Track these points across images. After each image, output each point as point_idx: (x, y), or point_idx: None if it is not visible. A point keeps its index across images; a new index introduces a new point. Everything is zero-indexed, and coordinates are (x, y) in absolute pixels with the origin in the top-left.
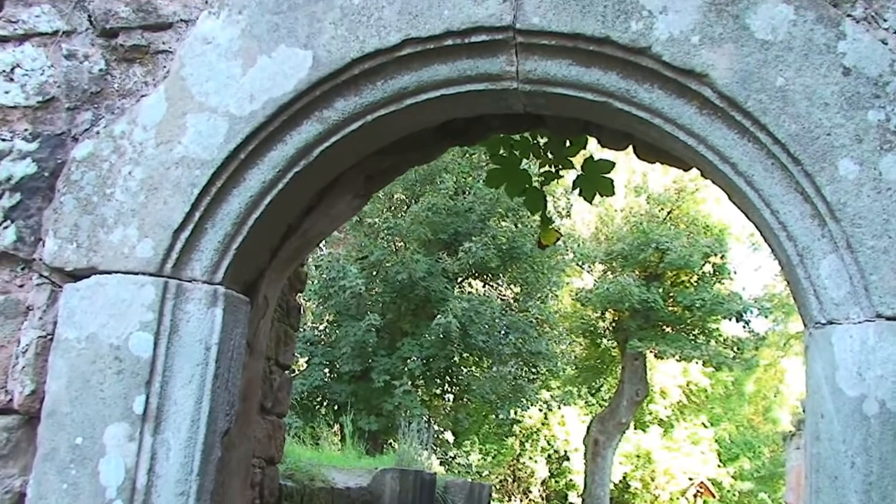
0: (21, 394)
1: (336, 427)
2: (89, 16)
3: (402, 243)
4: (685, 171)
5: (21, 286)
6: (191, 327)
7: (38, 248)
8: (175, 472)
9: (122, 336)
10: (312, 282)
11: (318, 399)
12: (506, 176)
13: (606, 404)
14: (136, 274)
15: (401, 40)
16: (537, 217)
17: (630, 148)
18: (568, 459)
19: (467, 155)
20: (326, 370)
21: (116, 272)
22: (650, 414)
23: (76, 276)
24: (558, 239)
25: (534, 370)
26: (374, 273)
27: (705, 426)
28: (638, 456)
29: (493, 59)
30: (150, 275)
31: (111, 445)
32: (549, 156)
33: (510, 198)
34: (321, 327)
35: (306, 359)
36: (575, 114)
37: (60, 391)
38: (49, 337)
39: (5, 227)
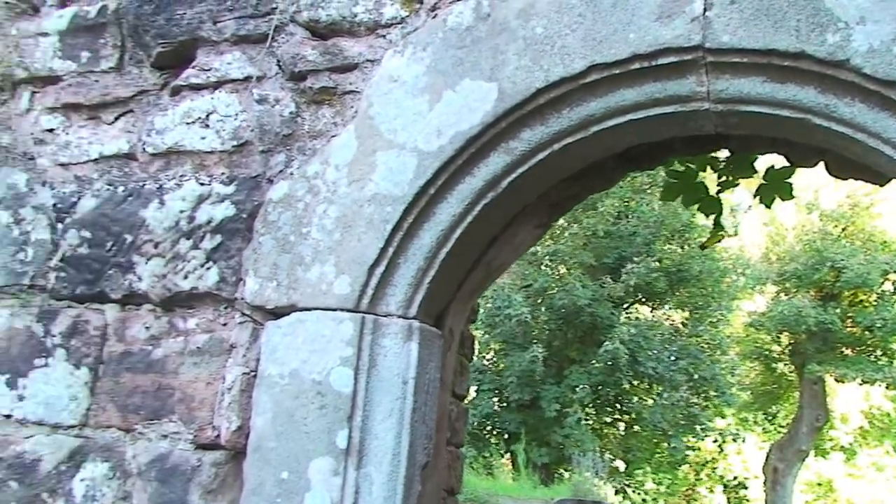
0: (228, 430)
1: (507, 456)
2: (278, 61)
3: (565, 269)
4: (881, 186)
5: (224, 325)
6: (388, 362)
7: (239, 287)
8: None
9: (324, 371)
10: (478, 311)
11: (489, 428)
12: (682, 189)
13: (785, 431)
14: (335, 310)
15: (586, 67)
16: (708, 230)
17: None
18: (746, 488)
19: (629, 178)
20: (495, 399)
21: (315, 309)
22: (831, 440)
23: (277, 313)
24: (720, 240)
25: (706, 397)
26: (539, 301)
27: (889, 453)
28: (819, 484)
29: (682, 80)
30: (348, 311)
31: (316, 480)
32: (729, 168)
33: (686, 207)
34: (489, 356)
35: (475, 388)
36: (770, 132)
37: (265, 426)
38: (252, 374)
39: (208, 269)
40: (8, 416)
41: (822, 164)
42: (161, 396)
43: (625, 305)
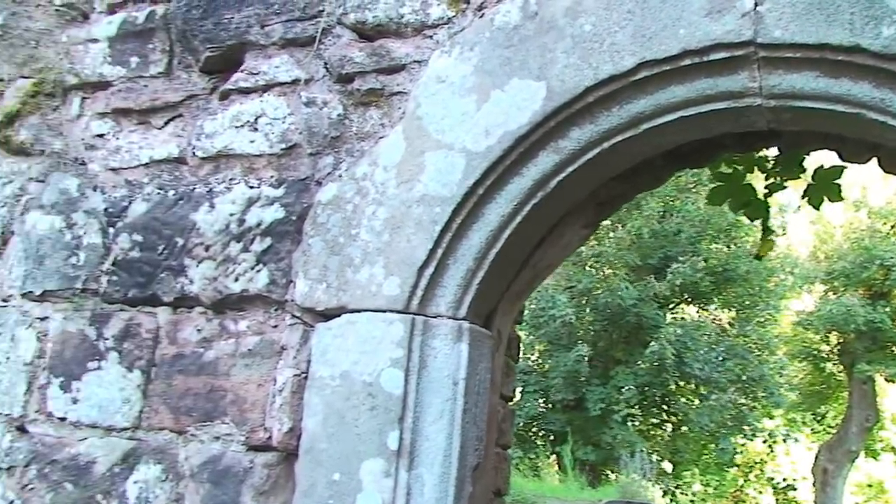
0: (279, 431)
1: (553, 457)
2: (325, 63)
3: (610, 270)
4: None
5: (275, 327)
6: (438, 363)
7: (289, 289)
8: None
9: (374, 373)
10: (523, 312)
11: (534, 429)
12: (729, 192)
13: (834, 431)
14: (385, 311)
15: (636, 64)
16: (754, 229)
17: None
18: (795, 489)
19: (674, 177)
20: (540, 400)
21: (365, 310)
22: (881, 441)
23: (327, 315)
24: (772, 247)
25: (754, 398)
26: (584, 301)
27: None
28: (870, 485)
29: (734, 76)
30: (398, 312)
31: (367, 481)
32: (777, 168)
33: (733, 212)
34: (533, 357)
35: (520, 389)
36: (823, 127)
37: (317, 428)
38: (303, 375)
39: (258, 271)
40: (62, 419)
41: (874, 159)
42: (213, 398)
43: (670, 305)
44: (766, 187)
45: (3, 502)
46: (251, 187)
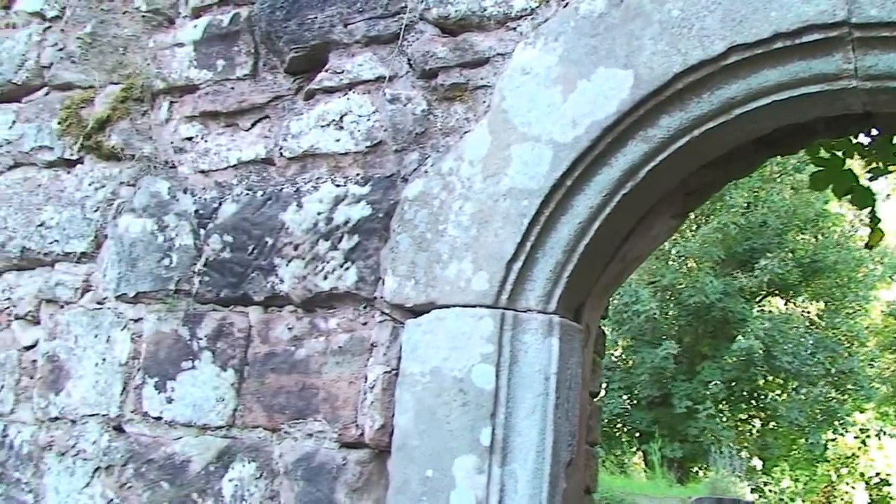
0: (371, 428)
1: (639, 454)
2: (408, 59)
3: (693, 264)
4: None
5: (364, 324)
6: (529, 358)
7: (377, 286)
8: None
9: (464, 369)
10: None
11: (619, 425)
12: (830, 178)
13: None
14: (474, 307)
15: (726, 48)
16: (842, 218)
17: None
18: (889, 485)
19: (760, 167)
20: (625, 396)
21: (454, 306)
22: None
23: (416, 311)
24: (882, 236)
25: (844, 391)
26: (668, 296)
27: None
28: None
29: (828, 58)
30: (487, 307)
31: (460, 477)
32: (873, 152)
33: (837, 198)
34: (617, 353)
35: (604, 385)
36: None
37: (408, 425)
38: (394, 372)
39: (346, 269)
40: (158, 419)
41: None
42: (305, 396)
43: (757, 298)
44: (868, 171)
45: (102, 501)
46: (338, 186)
